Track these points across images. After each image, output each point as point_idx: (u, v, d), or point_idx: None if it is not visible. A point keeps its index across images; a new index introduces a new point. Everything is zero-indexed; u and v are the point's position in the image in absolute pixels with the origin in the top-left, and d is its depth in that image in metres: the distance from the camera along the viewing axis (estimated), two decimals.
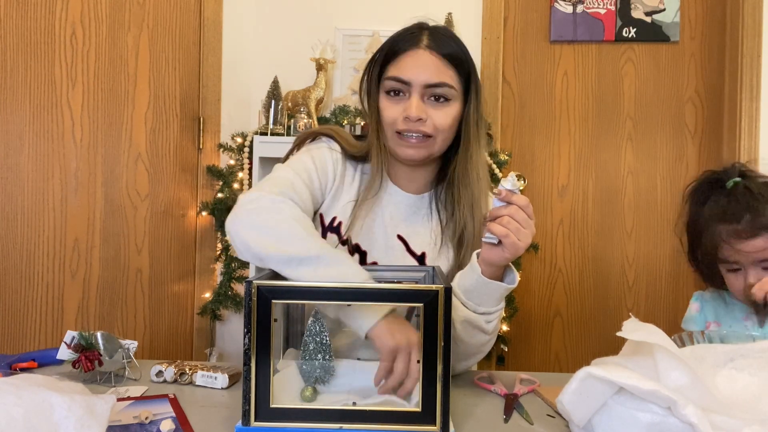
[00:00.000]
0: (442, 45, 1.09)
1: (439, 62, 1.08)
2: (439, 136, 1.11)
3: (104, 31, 2.05)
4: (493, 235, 0.94)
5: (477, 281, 0.99)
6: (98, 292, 2.05)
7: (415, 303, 0.79)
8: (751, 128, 2.24)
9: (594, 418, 0.79)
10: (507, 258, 0.96)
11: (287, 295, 0.82)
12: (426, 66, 1.08)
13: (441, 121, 1.10)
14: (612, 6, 2.38)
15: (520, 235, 0.94)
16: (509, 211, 0.94)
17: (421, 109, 1.08)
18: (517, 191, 0.94)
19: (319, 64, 2.21)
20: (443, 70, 1.09)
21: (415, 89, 1.08)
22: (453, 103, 1.11)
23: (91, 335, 1.03)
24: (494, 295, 1.01)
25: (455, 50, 1.10)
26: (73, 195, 2.00)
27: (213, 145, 2.28)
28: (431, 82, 1.08)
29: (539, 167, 2.43)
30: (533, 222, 0.96)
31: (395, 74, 1.10)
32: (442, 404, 0.78)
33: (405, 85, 1.09)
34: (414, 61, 1.09)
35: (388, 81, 1.11)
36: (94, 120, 2.03)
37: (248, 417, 0.78)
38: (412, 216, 1.20)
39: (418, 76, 1.08)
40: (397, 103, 1.10)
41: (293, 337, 1.04)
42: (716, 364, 0.87)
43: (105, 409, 0.70)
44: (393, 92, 1.11)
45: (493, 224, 0.94)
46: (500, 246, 0.95)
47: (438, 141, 1.12)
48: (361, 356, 1.10)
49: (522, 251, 0.95)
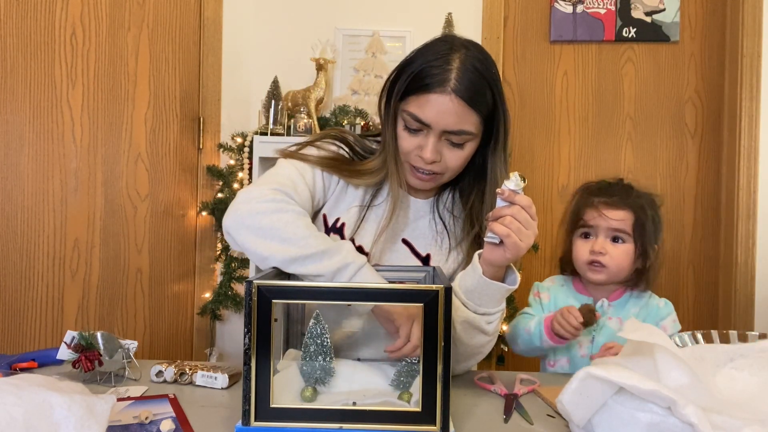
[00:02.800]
0: (469, 86, 1.04)
1: (462, 108, 1.04)
2: (447, 174, 1.13)
3: (104, 31, 2.05)
4: (495, 235, 0.94)
5: (478, 281, 0.99)
6: (98, 292, 2.05)
7: (416, 303, 0.79)
8: (751, 128, 2.24)
9: (594, 418, 0.79)
10: (508, 258, 0.96)
11: (287, 295, 0.82)
12: (448, 113, 1.04)
13: (452, 163, 1.10)
14: (612, 6, 2.38)
15: (522, 236, 0.93)
16: (512, 211, 0.94)
17: (436, 152, 1.08)
18: (520, 191, 0.94)
19: (319, 64, 2.21)
20: (465, 116, 1.05)
21: (433, 132, 1.07)
22: (468, 145, 1.10)
23: (91, 335, 1.03)
24: (495, 295, 1.01)
25: (482, 89, 1.05)
26: (73, 195, 2.00)
27: (213, 145, 2.28)
28: (450, 129, 1.06)
29: (539, 167, 2.43)
30: (536, 223, 0.96)
31: (416, 113, 1.06)
32: (442, 404, 0.78)
33: (423, 125, 1.07)
34: (437, 105, 1.04)
35: (408, 116, 1.08)
36: (94, 120, 2.03)
37: (248, 417, 0.78)
38: (418, 219, 1.20)
39: (439, 122, 1.05)
40: (414, 136, 1.09)
41: (293, 337, 1.04)
42: (716, 364, 0.87)
43: (105, 409, 0.70)
44: (411, 129, 1.09)
45: (495, 224, 0.94)
46: (502, 246, 0.95)
47: (447, 176, 1.14)
48: (360, 357, 1.11)
49: (524, 252, 0.95)
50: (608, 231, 1.27)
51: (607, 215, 1.26)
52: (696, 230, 2.40)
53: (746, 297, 2.25)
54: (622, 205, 1.27)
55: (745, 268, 2.25)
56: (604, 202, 1.28)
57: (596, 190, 1.32)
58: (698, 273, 2.41)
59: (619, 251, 1.27)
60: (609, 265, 1.26)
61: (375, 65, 2.33)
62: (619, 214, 1.27)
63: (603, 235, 1.28)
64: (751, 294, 2.25)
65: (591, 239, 1.29)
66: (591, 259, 1.27)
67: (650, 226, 1.28)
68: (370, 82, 2.33)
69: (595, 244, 1.27)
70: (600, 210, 1.27)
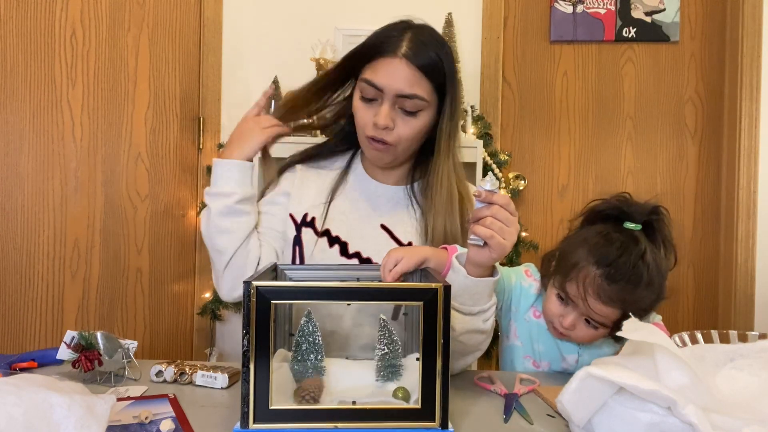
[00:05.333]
0: (420, 54, 1.10)
1: (413, 73, 1.10)
2: (400, 145, 1.15)
3: (104, 31, 2.05)
4: (478, 237, 0.95)
5: (464, 283, 1.00)
6: (98, 292, 2.05)
7: (415, 301, 0.79)
8: (751, 128, 2.24)
9: (594, 418, 0.79)
10: (494, 258, 0.96)
11: (287, 295, 0.82)
12: (400, 76, 1.10)
13: (404, 133, 1.14)
14: (612, 6, 2.38)
15: (505, 234, 0.94)
16: (491, 211, 0.94)
17: (389, 119, 1.12)
18: (497, 191, 0.94)
19: (319, 64, 2.21)
20: (417, 81, 1.11)
21: (387, 97, 1.11)
22: (422, 114, 1.14)
23: (91, 335, 1.03)
24: (485, 291, 1.02)
25: (433, 60, 1.11)
26: (73, 195, 2.00)
27: (213, 145, 2.28)
28: (403, 92, 1.10)
29: (539, 167, 2.43)
30: (516, 218, 0.96)
31: (370, 78, 1.12)
32: (442, 400, 0.78)
33: (378, 91, 1.12)
34: (389, 68, 1.10)
35: (363, 83, 1.13)
36: (94, 120, 2.03)
37: (247, 419, 0.78)
38: (394, 206, 1.23)
39: (391, 84, 1.10)
40: (370, 108, 1.14)
41: (280, 337, 1.04)
42: (716, 364, 0.87)
43: (105, 409, 0.70)
44: (366, 98, 1.14)
45: (476, 226, 0.94)
46: (486, 247, 0.95)
47: (399, 149, 1.16)
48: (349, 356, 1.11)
49: (509, 250, 0.95)
50: (585, 314, 1.09)
51: (591, 307, 1.06)
52: (696, 230, 2.40)
53: (746, 297, 2.25)
54: (617, 302, 1.06)
55: (745, 268, 2.25)
56: (593, 290, 1.05)
57: (600, 260, 1.06)
58: (698, 273, 2.41)
59: (588, 334, 1.12)
60: (574, 338, 1.14)
61: None
62: (605, 311, 1.06)
63: (578, 313, 1.10)
64: (751, 294, 2.25)
65: (565, 306, 1.11)
66: (557, 327, 1.13)
67: (642, 314, 1.08)
68: None
69: (565, 319, 1.10)
70: (586, 294, 1.06)
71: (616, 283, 1.04)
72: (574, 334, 1.12)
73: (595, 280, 1.05)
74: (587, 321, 1.10)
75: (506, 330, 1.26)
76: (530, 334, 1.21)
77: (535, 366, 1.22)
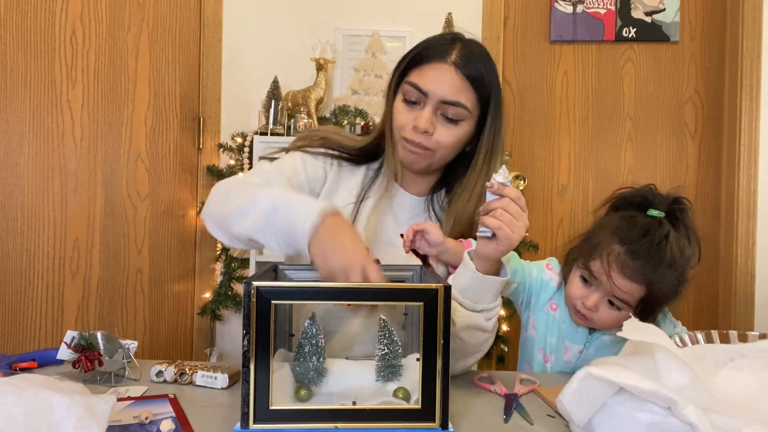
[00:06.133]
0: (468, 64, 1.09)
1: (460, 81, 1.09)
2: (439, 152, 1.13)
3: (104, 31, 2.05)
4: (486, 229, 0.95)
5: (472, 278, 1.00)
6: (98, 292, 2.05)
7: (416, 302, 0.79)
8: (751, 128, 2.25)
9: (594, 418, 0.79)
10: (502, 251, 0.96)
11: (287, 295, 0.82)
12: (447, 82, 1.08)
13: (444, 139, 1.12)
14: (612, 6, 2.38)
15: (513, 227, 0.94)
16: (502, 203, 0.94)
17: (430, 122, 1.10)
18: (509, 184, 0.95)
19: (319, 64, 2.21)
20: (463, 89, 1.09)
21: (430, 101, 1.10)
22: (463, 124, 1.12)
23: (91, 335, 1.03)
24: (491, 290, 1.01)
25: (480, 72, 1.10)
26: (73, 195, 2.00)
27: (213, 145, 2.28)
28: (447, 99, 1.09)
29: (539, 167, 2.43)
30: (526, 214, 0.96)
31: (415, 81, 1.10)
32: (442, 400, 0.78)
33: (422, 95, 1.10)
34: (437, 73, 1.09)
35: (407, 86, 1.12)
36: (94, 120, 2.03)
37: (247, 419, 0.78)
38: (415, 217, 1.22)
39: (437, 89, 1.09)
40: (411, 110, 1.12)
41: (280, 337, 1.04)
42: (716, 364, 0.87)
43: (105, 409, 0.70)
44: (409, 100, 1.12)
45: (486, 217, 0.95)
46: (494, 239, 0.96)
47: (437, 156, 1.14)
48: (350, 356, 1.10)
49: (516, 243, 0.95)
50: (608, 293, 1.10)
51: (614, 282, 1.08)
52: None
53: (746, 297, 2.25)
54: (640, 277, 1.07)
55: (745, 268, 2.25)
56: (618, 266, 1.07)
57: (624, 238, 1.08)
58: (698, 273, 2.40)
59: (612, 316, 1.12)
60: (596, 322, 1.14)
61: (375, 65, 2.33)
62: (628, 287, 1.08)
63: (601, 293, 1.11)
64: (751, 294, 2.25)
65: (588, 287, 1.13)
66: (579, 309, 1.14)
67: (664, 297, 1.11)
68: (370, 82, 2.33)
69: (588, 299, 1.12)
70: (610, 270, 1.08)
71: (640, 258, 1.06)
72: (597, 316, 1.13)
73: (619, 256, 1.08)
74: (610, 303, 1.12)
75: (525, 323, 1.28)
76: (546, 325, 1.23)
77: (545, 361, 1.24)
